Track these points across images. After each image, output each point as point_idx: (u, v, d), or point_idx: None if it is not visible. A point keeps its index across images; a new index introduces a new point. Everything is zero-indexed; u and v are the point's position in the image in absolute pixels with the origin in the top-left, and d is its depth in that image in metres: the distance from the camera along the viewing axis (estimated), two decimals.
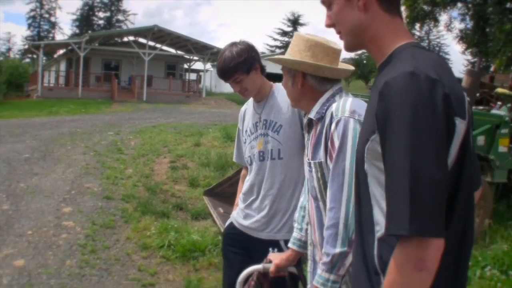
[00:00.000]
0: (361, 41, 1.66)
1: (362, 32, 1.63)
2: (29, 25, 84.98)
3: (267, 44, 76.72)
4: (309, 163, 2.31)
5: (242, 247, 3.12)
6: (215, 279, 5.34)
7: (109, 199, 8.27)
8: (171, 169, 10.57)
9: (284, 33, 77.16)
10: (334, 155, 2.11)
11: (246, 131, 3.22)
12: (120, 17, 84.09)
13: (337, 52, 2.36)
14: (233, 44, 3.07)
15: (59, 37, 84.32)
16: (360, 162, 1.57)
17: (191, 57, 43.25)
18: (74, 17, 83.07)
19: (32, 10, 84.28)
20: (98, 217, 7.36)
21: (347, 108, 2.13)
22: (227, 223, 3.38)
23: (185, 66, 46.26)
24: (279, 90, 3.05)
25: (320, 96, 2.34)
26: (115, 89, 36.87)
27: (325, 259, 2.05)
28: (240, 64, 2.97)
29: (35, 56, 42.68)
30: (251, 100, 3.25)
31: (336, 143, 2.10)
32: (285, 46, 75.92)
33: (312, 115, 2.31)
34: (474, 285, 5.06)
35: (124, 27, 74.64)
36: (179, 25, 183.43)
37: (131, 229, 6.97)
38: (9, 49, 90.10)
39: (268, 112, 3.07)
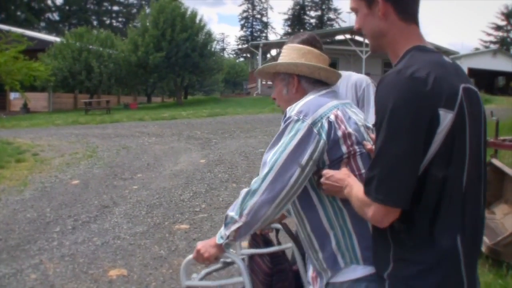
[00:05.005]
0: (381, 45, 1.97)
1: (381, 37, 1.94)
2: (242, 26, 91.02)
3: (481, 40, 73.17)
4: None
5: None
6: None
7: None
8: None
9: (498, 28, 72.69)
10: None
11: None
12: (331, 15, 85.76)
13: (327, 60, 2.49)
14: (296, 36, 3.24)
15: (271, 36, 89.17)
16: None
17: None
18: (286, 16, 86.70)
19: (244, 11, 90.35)
20: None
21: (296, 108, 2.18)
22: None
23: None
24: (343, 79, 3.51)
25: None
26: None
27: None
28: None
29: (248, 55, 44.87)
30: None
31: None
32: (500, 41, 71.59)
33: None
34: None
35: (336, 25, 76.02)
36: None
37: None
38: (223, 49, 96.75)
39: None
